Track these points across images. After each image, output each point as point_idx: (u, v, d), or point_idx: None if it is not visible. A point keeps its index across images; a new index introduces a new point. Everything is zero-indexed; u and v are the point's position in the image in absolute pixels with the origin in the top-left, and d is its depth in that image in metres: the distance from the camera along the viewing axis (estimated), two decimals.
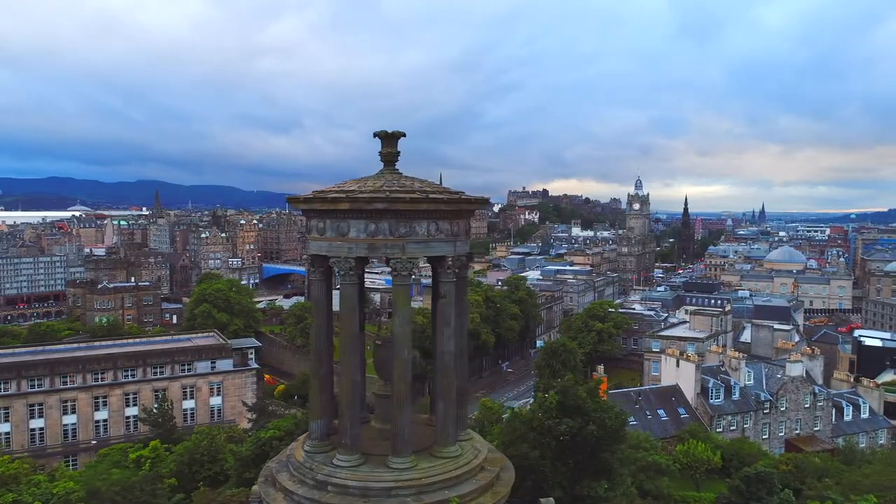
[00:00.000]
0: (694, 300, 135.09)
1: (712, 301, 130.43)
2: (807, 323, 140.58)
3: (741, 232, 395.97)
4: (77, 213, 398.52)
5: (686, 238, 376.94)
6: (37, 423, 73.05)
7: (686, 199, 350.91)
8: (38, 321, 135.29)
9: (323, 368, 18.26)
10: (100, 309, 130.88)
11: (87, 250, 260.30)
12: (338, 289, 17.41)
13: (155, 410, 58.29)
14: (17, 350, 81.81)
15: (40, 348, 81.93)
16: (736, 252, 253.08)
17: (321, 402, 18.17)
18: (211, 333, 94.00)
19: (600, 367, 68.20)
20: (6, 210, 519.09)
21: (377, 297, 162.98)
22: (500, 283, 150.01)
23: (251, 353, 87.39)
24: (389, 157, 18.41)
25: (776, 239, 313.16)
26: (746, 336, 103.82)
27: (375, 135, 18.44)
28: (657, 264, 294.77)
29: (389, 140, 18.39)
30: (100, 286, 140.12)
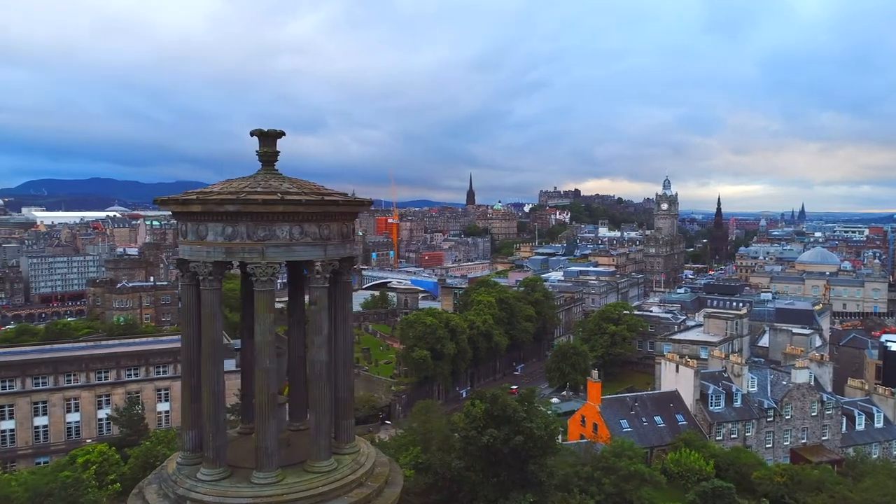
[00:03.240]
0: (715, 302, 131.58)
1: (733, 303, 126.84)
2: (834, 327, 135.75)
3: (775, 232, 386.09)
4: (112, 214, 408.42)
5: (718, 239, 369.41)
6: (41, 421, 74.30)
7: (719, 198, 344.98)
8: (56, 319, 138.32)
9: (193, 378, 17.50)
10: (118, 308, 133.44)
11: (119, 250, 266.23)
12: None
13: (124, 412, 58.58)
14: (24, 349, 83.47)
15: (47, 347, 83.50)
16: (768, 253, 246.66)
17: (192, 413, 17.44)
18: None
19: (595, 372, 66.45)
20: (48, 210, 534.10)
21: (394, 298, 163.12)
22: (517, 283, 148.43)
23: None
24: (267, 156, 17.62)
25: (811, 240, 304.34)
26: (766, 340, 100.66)
27: (252, 133, 17.77)
28: (687, 265, 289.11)
29: (267, 139, 17.63)
30: (118, 285, 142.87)
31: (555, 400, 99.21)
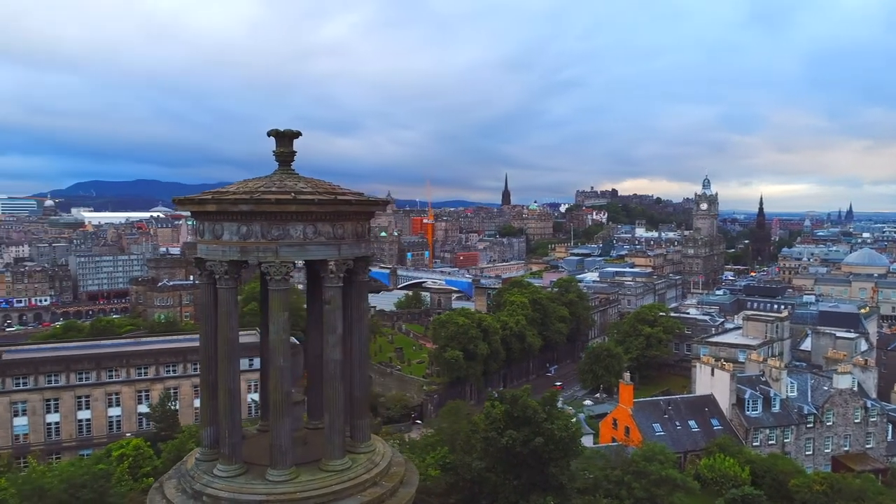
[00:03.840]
0: (755, 305, 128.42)
1: (774, 306, 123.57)
2: (882, 331, 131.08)
3: (820, 233, 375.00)
4: (156, 214, 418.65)
5: (761, 239, 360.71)
6: (84, 415, 76.48)
7: (761, 198, 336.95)
8: (101, 316, 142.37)
9: (211, 375, 17.75)
10: (159, 306, 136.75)
11: (162, 249, 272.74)
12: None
13: (157, 407, 59.93)
14: (70, 344, 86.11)
15: (91, 343, 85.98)
16: (812, 254, 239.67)
17: (210, 410, 17.70)
18: (254, 331, 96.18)
19: (627, 374, 65.43)
20: (96, 211, 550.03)
21: (427, 298, 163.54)
22: (551, 284, 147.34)
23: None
24: (283, 156, 17.81)
25: (858, 241, 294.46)
26: (808, 344, 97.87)
27: (269, 133, 17.95)
28: (728, 267, 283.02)
29: (283, 139, 17.80)
30: (159, 284, 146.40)
31: (588, 402, 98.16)
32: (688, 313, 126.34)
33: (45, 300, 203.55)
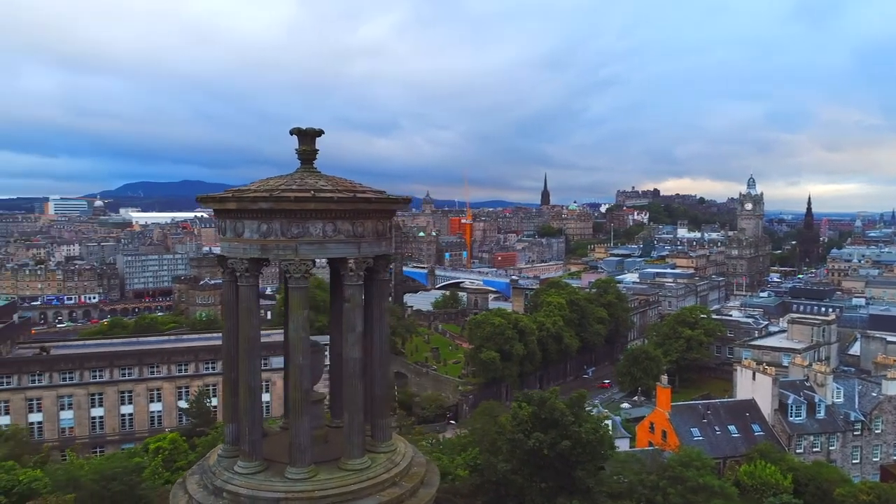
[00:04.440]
0: (801, 307, 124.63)
1: (821, 309, 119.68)
2: None
3: (872, 234, 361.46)
4: (200, 214, 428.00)
5: (808, 240, 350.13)
6: (127, 409, 78.54)
7: (809, 198, 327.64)
8: (145, 314, 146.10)
9: (233, 372, 17.85)
10: (201, 304, 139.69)
11: (205, 249, 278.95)
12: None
13: (193, 403, 61.08)
14: (114, 341, 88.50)
15: (134, 340, 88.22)
16: (863, 256, 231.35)
17: (232, 407, 17.79)
18: None
19: (664, 377, 64.01)
20: (143, 211, 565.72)
21: (464, 298, 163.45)
22: (589, 284, 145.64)
23: (327, 350, 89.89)
24: (305, 155, 17.80)
25: None
26: (856, 349, 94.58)
27: (291, 132, 17.97)
28: (773, 268, 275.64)
29: (305, 138, 17.79)
30: (201, 283, 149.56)
31: (625, 405, 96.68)
32: (730, 315, 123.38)
33: (94, 298, 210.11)
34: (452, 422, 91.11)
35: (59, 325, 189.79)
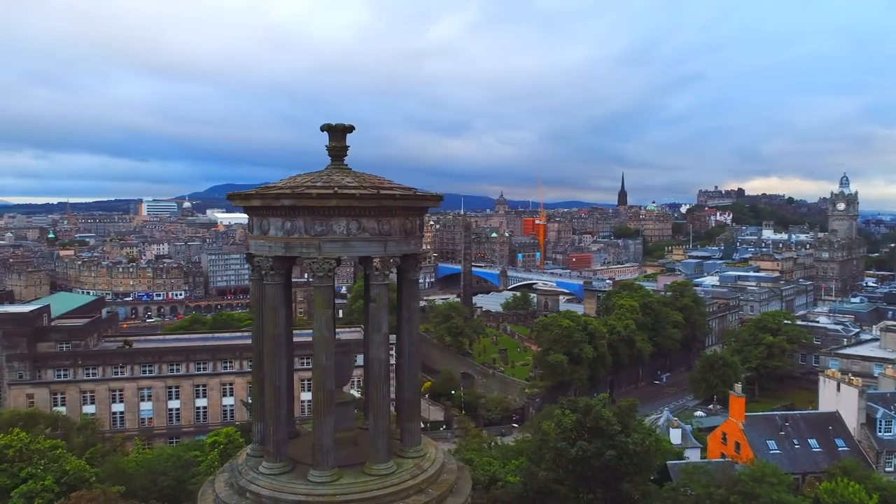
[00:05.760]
0: None
1: None
2: None
3: None
4: None
5: None
6: (201, 402, 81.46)
7: None
8: (225, 311, 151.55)
9: (260, 371, 17.73)
10: None
11: None
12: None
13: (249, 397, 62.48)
14: (192, 336, 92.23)
15: (210, 336, 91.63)
16: None
17: (259, 406, 17.69)
18: (358, 328, 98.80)
19: (738, 386, 60.56)
20: (228, 212, 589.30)
21: (534, 299, 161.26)
22: (664, 287, 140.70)
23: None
24: (336, 151, 17.58)
25: None
26: None
27: (322, 128, 17.73)
28: (869, 272, 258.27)
29: (336, 134, 17.53)
30: None
31: (699, 413, 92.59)
32: (817, 322, 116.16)
33: (180, 294, 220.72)
34: (515, 425, 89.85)
35: (148, 320, 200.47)
